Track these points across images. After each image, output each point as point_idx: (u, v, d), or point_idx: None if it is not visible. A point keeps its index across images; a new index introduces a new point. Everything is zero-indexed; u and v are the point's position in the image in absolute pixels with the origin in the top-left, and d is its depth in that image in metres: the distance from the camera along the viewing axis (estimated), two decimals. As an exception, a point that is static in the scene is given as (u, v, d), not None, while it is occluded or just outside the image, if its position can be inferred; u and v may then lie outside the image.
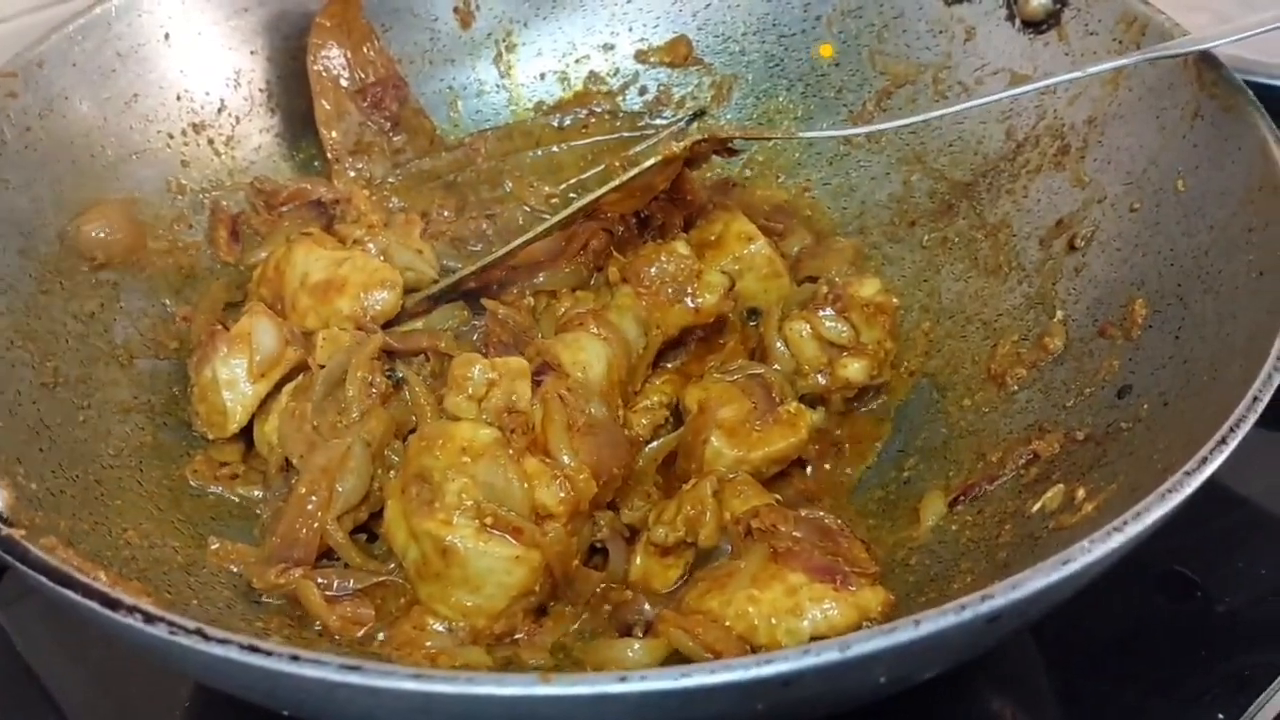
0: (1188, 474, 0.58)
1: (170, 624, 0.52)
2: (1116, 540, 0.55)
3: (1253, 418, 0.61)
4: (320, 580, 0.75)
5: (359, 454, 0.78)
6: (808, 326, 0.89)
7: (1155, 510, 0.57)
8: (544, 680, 0.49)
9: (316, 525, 0.76)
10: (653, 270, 0.88)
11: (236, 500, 0.84)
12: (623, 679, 0.49)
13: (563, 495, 0.74)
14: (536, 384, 0.78)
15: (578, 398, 0.78)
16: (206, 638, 0.51)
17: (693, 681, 0.49)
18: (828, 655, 0.50)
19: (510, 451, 0.74)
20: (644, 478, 0.84)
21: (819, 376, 0.89)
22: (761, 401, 0.85)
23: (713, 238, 0.96)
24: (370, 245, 0.93)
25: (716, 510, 0.78)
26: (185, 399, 0.88)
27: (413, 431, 0.80)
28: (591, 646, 0.73)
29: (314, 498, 0.77)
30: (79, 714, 0.80)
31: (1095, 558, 0.54)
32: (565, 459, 0.75)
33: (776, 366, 0.89)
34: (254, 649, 0.50)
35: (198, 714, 0.80)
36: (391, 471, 0.80)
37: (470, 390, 0.77)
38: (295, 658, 0.50)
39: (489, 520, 0.72)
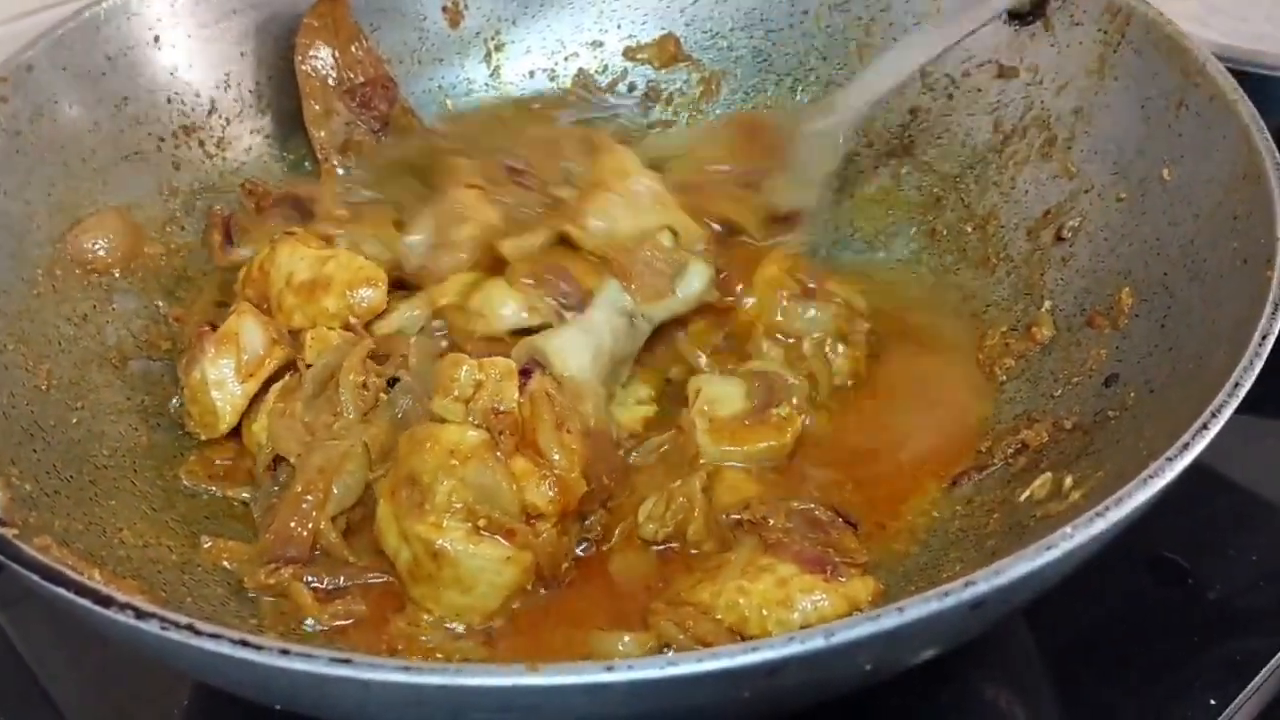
0: (1170, 460, 0.58)
1: (162, 620, 0.52)
2: (1099, 526, 0.55)
3: (1234, 403, 0.61)
4: (309, 578, 0.75)
5: (358, 456, 0.79)
6: (795, 323, 0.89)
7: (1138, 496, 0.57)
8: (532, 670, 0.49)
9: (311, 525, 0.77)
10: (638, 262, 0.88)
11: (230, 500, 0.84)
12: (610, 668, 0.49)
13: (552, 495, 0.74)
14: (523, 382, 0.78)
15: (566, 395, 0.79)
16: (198, 633, 0.51)
17: (679, 670, 0.49)
18: (813, 643, 0.50)
19: (499, 453, 0.74)
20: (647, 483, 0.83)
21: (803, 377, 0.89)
22: (761, 401, 0.85)
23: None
24: (340, 240, 0.92)
25: (706, 507, 0.78)
26: (178, 400, 0.88)
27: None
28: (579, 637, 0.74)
29: (309, 497, 0.77)
30: (78, 714, 0.80)
31: (1078, 543, 0.54)
32: (555, 456, 0.75)
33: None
34: (244, 643, 0.50)
35: (197, 715, 0.80)
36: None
37: (457, 392, 0.77)
38: (285, 651, 0.50)
39: (481, 523, 0.72)
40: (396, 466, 0.76)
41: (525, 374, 0.79)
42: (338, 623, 0.74)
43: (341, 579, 0.76)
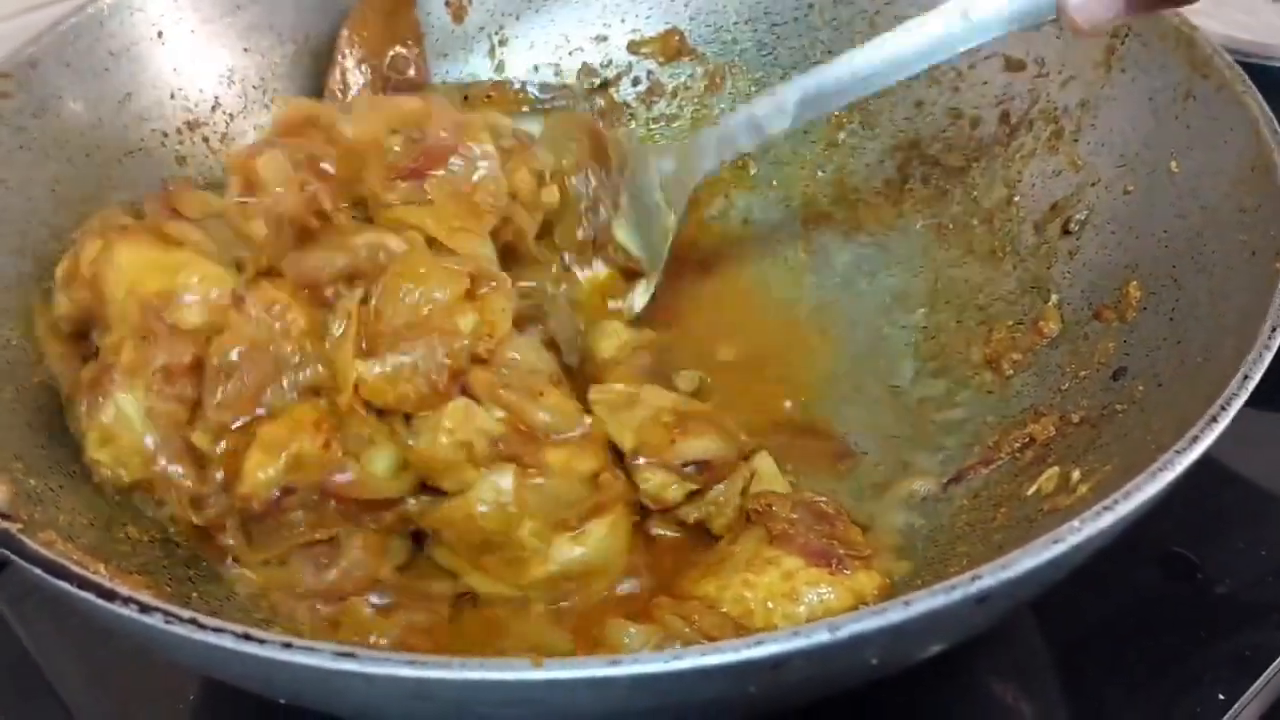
0: (1178, 453, 0.58)
1: (166, 613, 0.52)
2: (1107, 520, 0.55)
3: (1244, 396, 0.61)
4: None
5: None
6: None
7: (1146, 489, 0.56)
8: (536, 664, 0.49)
9: (370, 572, 0.75)
10: None
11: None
12: (614, 662, 0.49)
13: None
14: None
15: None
16: (201, 626, 0.51)
17: (684, 664, 0.49)
18: (817, 636, 0.50)
19: (531, 470, 0.75)
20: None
21: None
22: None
23: None
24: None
25: (739, 503, 0.78)
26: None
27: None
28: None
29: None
30: (84, 709, 0.81)
31: (1085, 537, 0.54)
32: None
33: None
34: (248, 637, 0.50)
35: (203, 709, 0.80)
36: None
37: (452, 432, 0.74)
38: (288, 645, 0.50)
39: (572, 521, 0.75)
40: (461, 540, 0.75)
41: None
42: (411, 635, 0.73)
43: (392, 598, 0.75)
